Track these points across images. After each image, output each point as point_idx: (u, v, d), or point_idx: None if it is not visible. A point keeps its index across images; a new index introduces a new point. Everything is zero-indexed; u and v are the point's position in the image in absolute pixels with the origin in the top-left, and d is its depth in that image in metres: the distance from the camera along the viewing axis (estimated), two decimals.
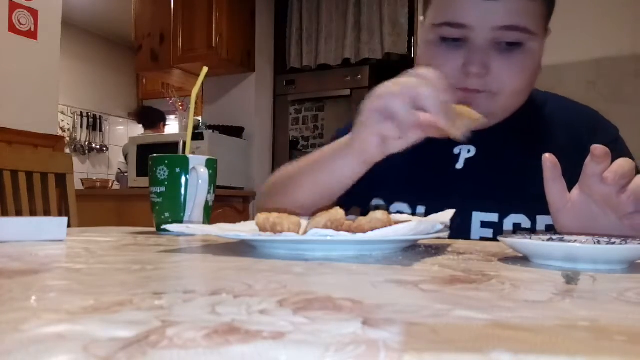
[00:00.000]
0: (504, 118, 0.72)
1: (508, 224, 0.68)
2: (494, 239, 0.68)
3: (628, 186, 0.45)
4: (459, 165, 0.73)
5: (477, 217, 0.69)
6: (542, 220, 0.68)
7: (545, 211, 0.66)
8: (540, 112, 0.74)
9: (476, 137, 0.71)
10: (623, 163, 0.45)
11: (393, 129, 0.52)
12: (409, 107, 0.50)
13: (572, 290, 0.26)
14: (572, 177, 0.50)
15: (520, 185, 0.69)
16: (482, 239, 0.69)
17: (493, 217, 0.69)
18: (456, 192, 0.70)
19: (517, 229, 0.68)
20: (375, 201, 0.77)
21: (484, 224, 0.69)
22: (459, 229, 0.69)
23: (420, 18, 0.74)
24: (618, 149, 0.68)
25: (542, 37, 0.67)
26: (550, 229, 0.68)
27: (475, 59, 0.63)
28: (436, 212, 0.73)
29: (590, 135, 0.70)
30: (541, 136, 0.72)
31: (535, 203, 0.66)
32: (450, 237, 0.54)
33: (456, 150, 0.74)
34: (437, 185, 0.72)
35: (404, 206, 0.74)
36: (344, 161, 0.61)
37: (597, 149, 0.44)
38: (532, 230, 0.68)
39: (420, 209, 0.72)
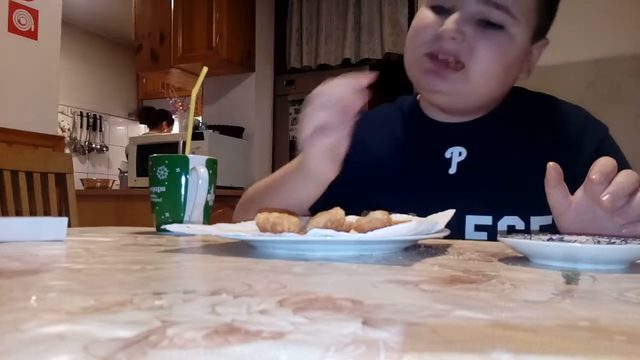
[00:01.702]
0: (483, 110, 0.73)
1: (502, 226, 0.68)
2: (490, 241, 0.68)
3: (635, 196, 0.45)
4: (452, 170, 0.73)
5: (471, 220, 0.69)
6: (535, 221, 0.68)
7: (539, 212, 0.67)
8: (530, 112, 0.75)
9: (466, 139, 0.73)
10: (623, 181, 0.44)
11: (331, 134, 0.57)
12: (333, 109, 0.56)
13: (572, 290, 0.26)
14: (564, 174, 0.50)
15: (512, 186, 0.69)
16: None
17: (487, 219, 0.69)
18: (450, 196, 0.70)
19: (511, 231, 0.68)
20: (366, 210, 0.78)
21: (478, 227, 0.69)
22: (453, 233, 0.69)
23: None
24: (607, 147, 0.69)
25: (527, 31, 0.67)
26: (544, 230, 0.68)
27: (454, 24, 0.64)
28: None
29: (580, 134, 0.70)
30: (531, 136, 0.73)
31: (528, 204, 0.67)
32: (445, 239, 0.55)
33: (447, 154, 0.74)
34: (431, 191, 0.72)
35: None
36: (302, 185, 0.65)
37: (595, 179, 0.44)
38: (527, 232, 0.67)
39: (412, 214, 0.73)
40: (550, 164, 0.49)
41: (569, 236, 0.43)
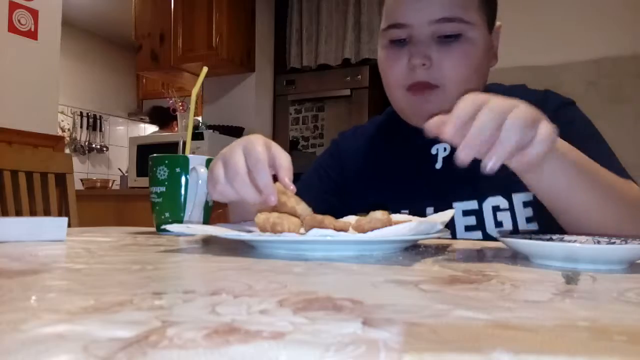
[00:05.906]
0: None
1: (487, 207, 0.72)
2: (477, 226, 0.72)
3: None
4: (438, 165, 0.77)
5: (459, 207, 0.73)
6: (518, 199, 0.71)
7: (519, 189, 0.70)
8: None
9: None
10: (463, 107, 0.45)
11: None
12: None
13: (572, 290, 0.26)
14: None
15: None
16: (466, 227, 0.72)
17: (472, 204, 0.73)
18: (438, 189, 0.74)
19: (496, 211, 0.71)
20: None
21: (466, 213, 0.73)
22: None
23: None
24: (564, 113, 0.71)
25: (483, 27, 0.71)
26: (526, 206, 0.71)
27: (417, 52, 0.68)
28: (420, 212, 0.74)
29: (540, 104, 0.73)
30: None
31: (507, 182, 0.70)
32: (445, 239, 0.55)
33: (433, 151, 0.78)
34: (420, 187, 0.76)
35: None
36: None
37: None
38: (511, 210, 0.71)
39: (404, 212, 0.75)
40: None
41: (569, 236, 0.43)
